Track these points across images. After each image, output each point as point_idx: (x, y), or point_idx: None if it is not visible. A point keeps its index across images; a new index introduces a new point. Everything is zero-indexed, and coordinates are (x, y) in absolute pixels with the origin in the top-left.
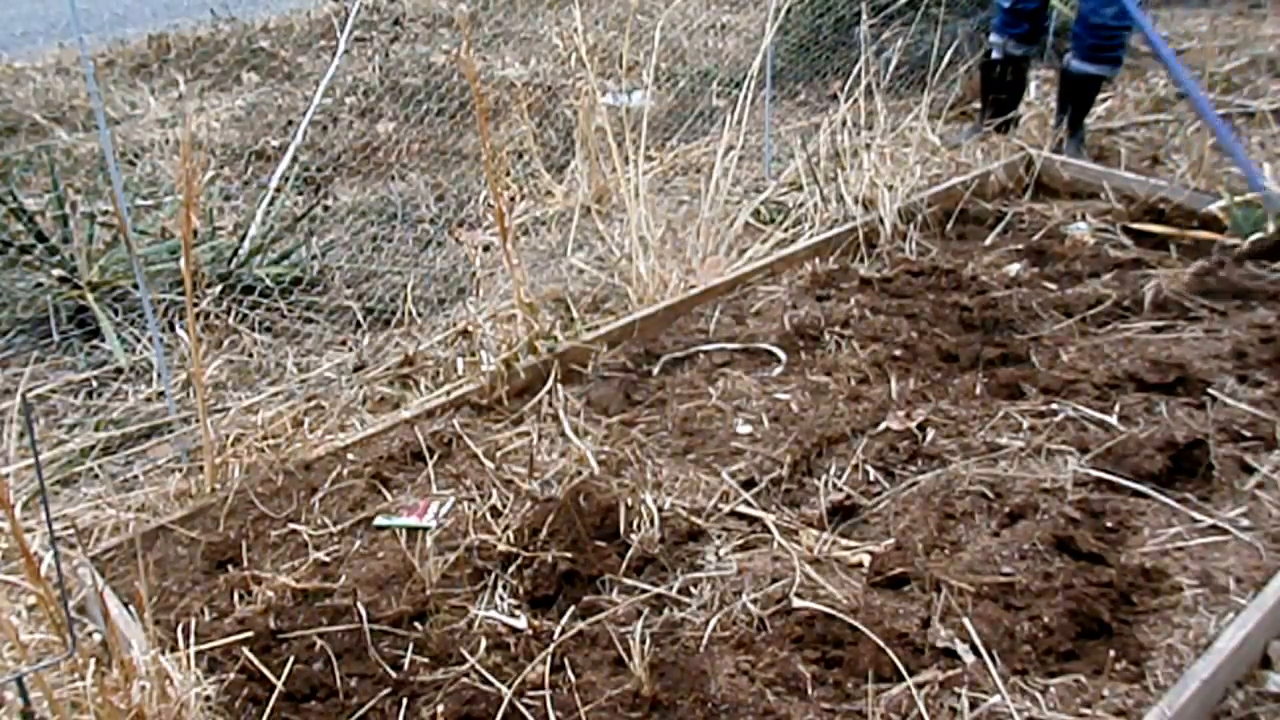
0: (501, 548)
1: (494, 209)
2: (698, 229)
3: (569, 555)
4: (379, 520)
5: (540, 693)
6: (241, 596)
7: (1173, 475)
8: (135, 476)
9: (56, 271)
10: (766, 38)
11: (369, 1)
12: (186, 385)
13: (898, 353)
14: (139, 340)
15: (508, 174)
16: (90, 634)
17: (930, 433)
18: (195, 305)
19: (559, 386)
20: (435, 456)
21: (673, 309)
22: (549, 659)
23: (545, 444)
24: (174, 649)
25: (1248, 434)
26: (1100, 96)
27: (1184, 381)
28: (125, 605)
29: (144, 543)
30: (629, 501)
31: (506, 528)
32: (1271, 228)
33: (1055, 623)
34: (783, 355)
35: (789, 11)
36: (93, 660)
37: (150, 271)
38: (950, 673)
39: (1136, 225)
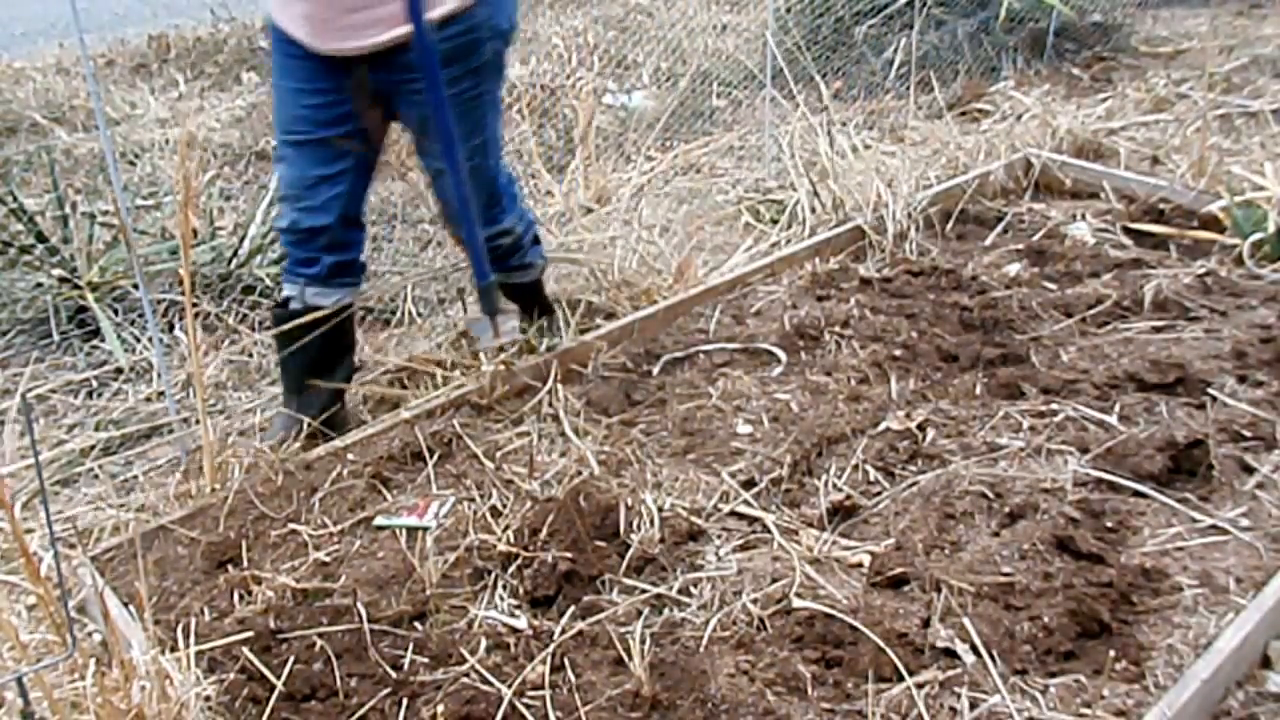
0: (501, 548)
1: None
2: (696, 229)
3: (569, 555)
4: (379, 520)
5: (540, 693)
6: (241, 596)
7: (1173, 475)
8: (135, 477)
9: (56, 271)
10: (767, 37)
11: None
12: (187, 385)
13: (898, 353)
14: (139, 340)
15: None
16: (90, 634)
17: (930, 433)
18: (194, 305)
19: (559, 386)
20: (435, 456)
21: (672, 309)
22: (549, 659)
23: (545, 444)
24: (174, 649)
25: (1248, 434)
26: (1100, 96)
27: (1184, 381)
28: (125, 605)
29: (144, 543)
30: (629, 501)
31: (506, 528)
32: (1272, 228)
33: (1055, 623)
34: (783, 355)
35: (789, 11)
36: (93, 660)
37: (150, 272)
38: (950, 673)
39: (1136, 225)
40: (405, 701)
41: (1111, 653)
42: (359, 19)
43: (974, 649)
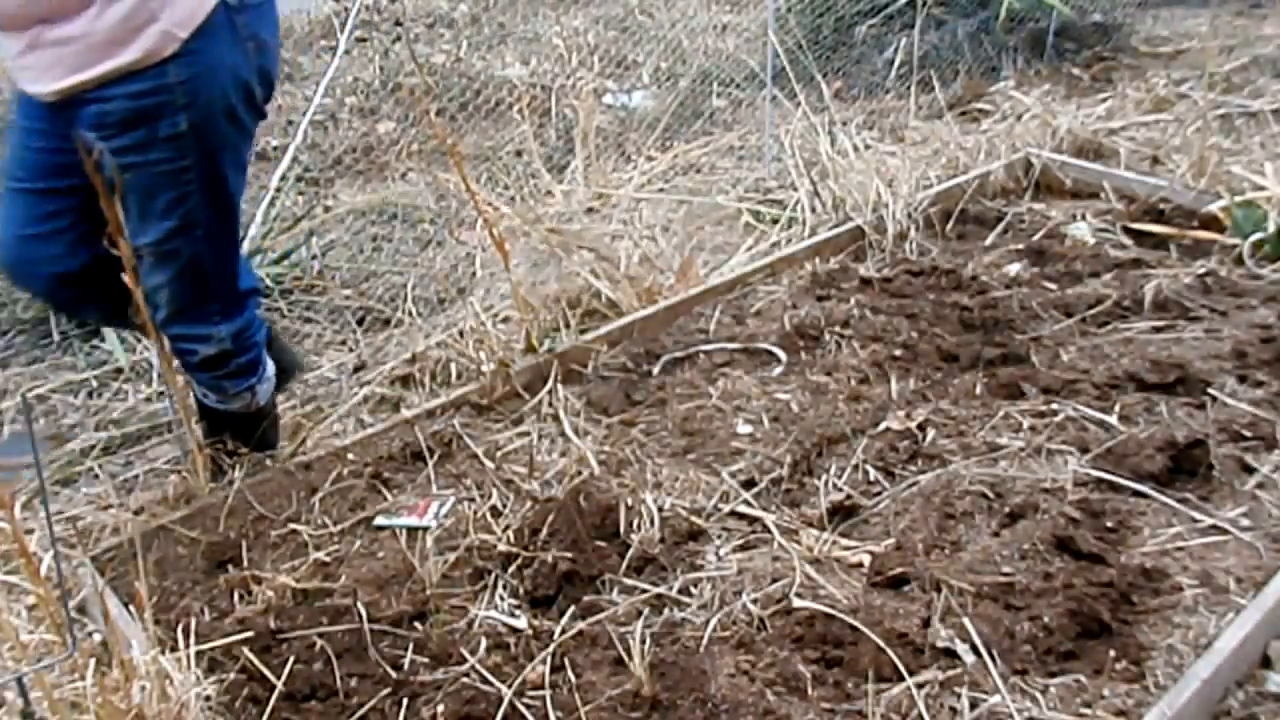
0: (501, 548)
1: (483, 216)
2: (695, 230)
3: (569, 555)
4: (379, 520)
5: (540, 693)
6: (241, 596)
7: (1173, 475)
8: (135, 476)
9: None
10: (769, 37)
11: (369, 1)
12: (187, 384)
13: (898, 353)
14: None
15: (507, 174)
16: (90, 634)
17: (930, 433)
18: None
19: (559, 386)
20: (435, 456)
21: (673, 309)
22: (549, 659)
23: (545, 444)
24: (174, 649)
25: (1248, 434)
26: (1100, 96)
27: (1184, 381)
28: (125, 605)
29: (144, 543)
30: (629, 501)
31: (507, 528)
32: (1272, 227)
33: (1055, 623)
34: (783, 355)
35: (789, 11)
36: (93, 660)
37: None
38: (950, 673)
39: (1136, 225)
40: (405, 701)
41: (1111, 653)
42: (30, 60)
43: (974, 649)
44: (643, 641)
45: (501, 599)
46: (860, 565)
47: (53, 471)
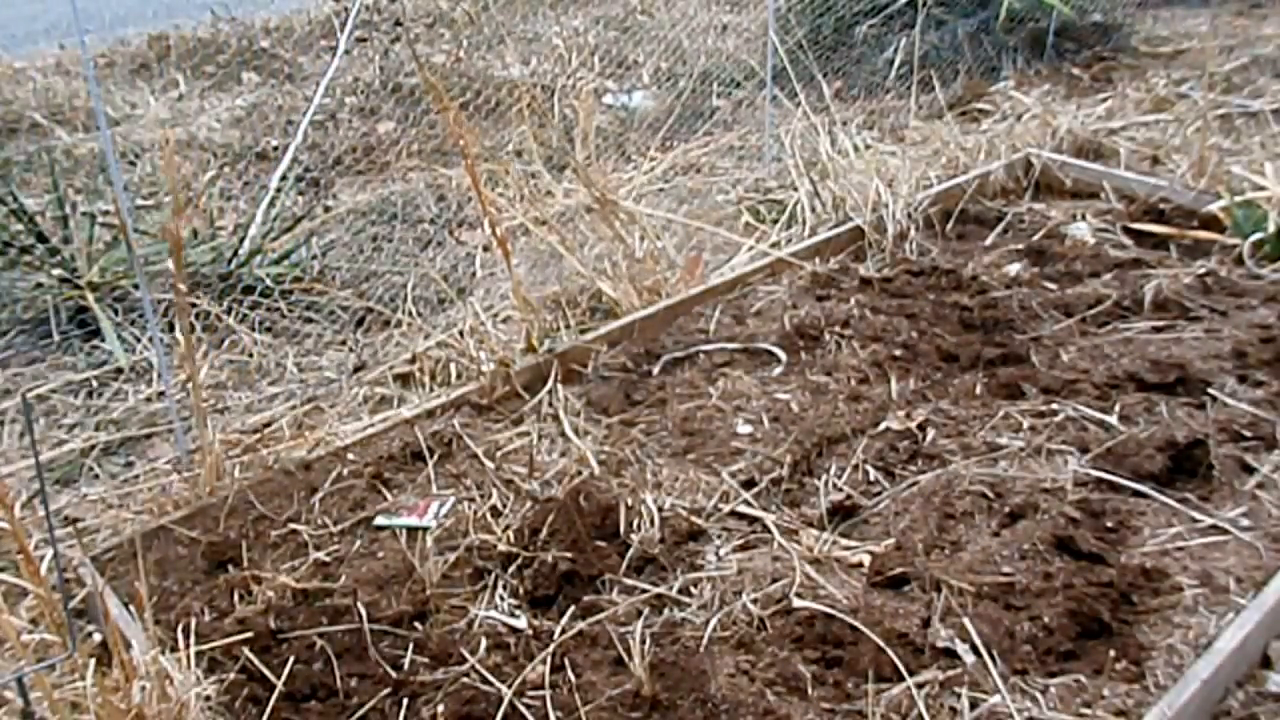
0: (502, 548)
1: (487, 214)
2: (695, 230)
3: (569, 555)
4: (379, 520)
5: (540, 692)
6: (241, 596)
7: (1173, 475)
8: (135, 476)
9: (57, 272)
10: (769, 37)
11: (369, 1)
12: (187, 385)
13: (898, 353)
14: (139, 340)
15: (507, 173)
16: (90, 634)
17: (930, 433)
18: (194, 306)
19: (559, 386)
20: (435, 456)
21: (673, 309)
22: (549, 659)
23: (545, 444)
24: (174, 649)
25: (1248, 434)
26: (1100, 96)
27: (1184, 381)
28: (125, 605)
29: (144, 543)
30: (629, 501)
31: (507, 528)
32: (1272, 227)
33: (1055, 623)
34: (783, 355)
35: (789, 11)
36: (93, 660)
37: (150, 271)
38: (950, 672)
39: (1136, 225)
40: (405, 701)
41: (1112, 653)
42: None
43: (974, 649)
44: (643, 641)
45: (501, 599)
46: (860, 565)
47: (53, 471)
